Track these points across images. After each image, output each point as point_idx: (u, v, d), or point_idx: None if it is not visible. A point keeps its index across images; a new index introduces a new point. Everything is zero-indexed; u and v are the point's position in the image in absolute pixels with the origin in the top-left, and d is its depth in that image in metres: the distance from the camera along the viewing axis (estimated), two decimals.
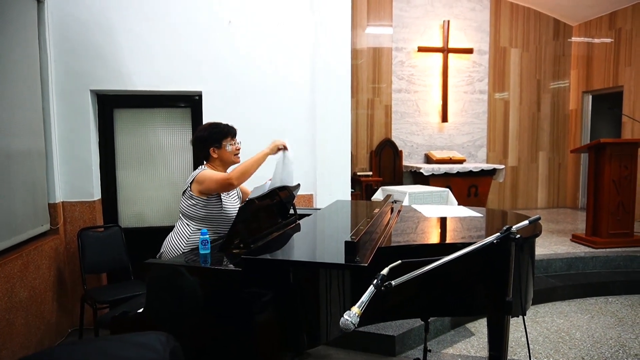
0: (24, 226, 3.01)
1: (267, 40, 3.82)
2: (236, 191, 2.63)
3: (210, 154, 2.46)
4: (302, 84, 3.88)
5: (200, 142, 2.46)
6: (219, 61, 3.75)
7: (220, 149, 2.44)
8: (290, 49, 3.85)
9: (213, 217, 2.40)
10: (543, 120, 7.67)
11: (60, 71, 3.51)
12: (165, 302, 1.98)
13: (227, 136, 2.46)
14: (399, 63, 7.02)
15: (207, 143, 2.45)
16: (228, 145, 2.45)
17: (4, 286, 2.66)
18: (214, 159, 2.47)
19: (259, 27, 3.80)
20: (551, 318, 3.84)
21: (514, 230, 1.58)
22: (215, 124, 2.50)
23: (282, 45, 3.84)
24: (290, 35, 3.85)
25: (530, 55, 7.50)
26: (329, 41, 3.84)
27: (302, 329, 1.84)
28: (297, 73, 3.88)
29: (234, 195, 2.58)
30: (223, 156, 2.46)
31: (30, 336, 2.96)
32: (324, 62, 3.84)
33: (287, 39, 3.85)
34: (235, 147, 2.50)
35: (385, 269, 1.40)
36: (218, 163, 2.48)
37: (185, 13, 3.68)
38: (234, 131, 2.52)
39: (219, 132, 2.45)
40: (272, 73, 3.84)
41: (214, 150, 2.45)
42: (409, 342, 3.30)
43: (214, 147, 2.44)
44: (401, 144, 7.08)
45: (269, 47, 3.82)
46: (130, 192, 3.88)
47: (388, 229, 2.30)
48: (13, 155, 2.87)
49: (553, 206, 7.83)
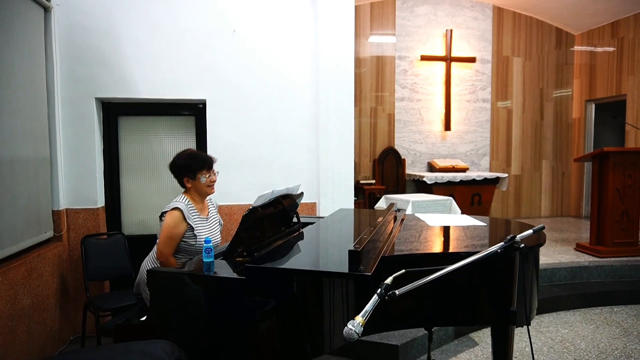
0: (27, 233, 3.02)
1: (271, 49, 3.84)
2: (217, 217, 2.68)
3: (184, 184, 2.49)
4: (305, 92, 3.90)
5: (176, 170, 2.50)
6: (223, 70, 3.78)
7: (194, 181, 2.47)
8: (293, 57, 3.88)
9: (187, 250, 2.43)
10: (546, 129, 7.67)
11: (65, 79, 3.54)
12: (169, 310, 1.98)
13: (202, 168, 2.47)
14: (402, 72, 7.04)
15: (182, 173, 2.48)
16: (202, 177, 2.47)
17: (7, 293, 2.66)
18: (189, 188, 2.50)
19: (262, 36, 3.83)
20: (555, 328, 3.81)
21: (518, 239, 1.58)
22: (193, 155, 2.52)
23: (286, 53, 3.87)
24: (294, 44, 3.88)
25: (532, 64, 7.52)
26: (332, 50, 3.86)
27: (305, 338, 1.83)
28: (301, 81, 3.90)
29: (212, 222, 2.60)
30: (197, 187, 2.49)
31: (32, 344, 2.95)
32: (328, 70, 3.86)
33: (291, 48, 3.87)
34: (209, 179, 2.50)
35: (389, 278, 1.40)
36: (193, 192, 2.51)
37: (189, 22, 3.71)
38: (211, 163, 2.53)
39: (195, 163, 2.47)
40: (275, 81, 3.86)
41: (188, 181, 2.47)
42: (412, 351, 3.28)
43: (188, 177, 2.47)
44: (404, 152, 7.08)
45: (273, 56, 3.85)
46: (134, 199, 3.89)
47: (391, 237, 2.30)
48: (17, 162, 2.89)
49: (556, 215, 7.80)
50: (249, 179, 3.82)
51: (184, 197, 2.48)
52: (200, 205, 2.53)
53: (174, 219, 2.35)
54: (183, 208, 2.38)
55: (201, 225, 2.46)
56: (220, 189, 3.79)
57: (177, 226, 2.35)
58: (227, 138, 3.81)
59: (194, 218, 2.42)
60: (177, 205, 2.38)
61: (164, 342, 0.88)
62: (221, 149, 3.80)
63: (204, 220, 2.50)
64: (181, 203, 2.41)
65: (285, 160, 3.89)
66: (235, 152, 3.82)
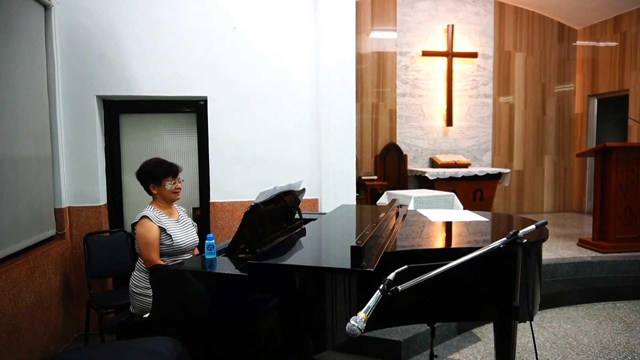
0: (30, 231, 3.02)
1: (272, 46, 3.83)
2: (189, 220, 2.72)
3: (150, 190, 2.55)
4: (306, 89, 3.89)
5: (142, 177, 2.56)
6: (224, 67, 3.77)
7: (160, 187, 2.53)
8: (294, 54, 3.87)
9: (167, 252, 2.47)
10: (548, 124, 7.64)
11: (66, 77, 3.53)
12: (171, 307, 1.98)
13: (167, 175, 2.53)
14: (403, 67, 7.02)
15: (148, 179, 2.55)
16: (167, 184, 2.53)
17: (10, 291, 2.67)
18: (155, 195, 2.57)
19: (263, 32, 3.81)
20: (558, 323, 3.81)
21: (520, 234, 1.57)
22: (159, 162, 2.58)
23: (287, 50, 3.86)
24: (295, 40, 3.87)
25: (535, 59, 7.48)
26: (333, 46, 3.85)
27: (307, 335, 1.83)
28: (302, 78, 3.89)
29: (185, 222, 2.64)
30: (162, 193, 2.55)
31: (35, 341, 2.96)
32: (329, 67, 3.85)
33: (292, 44, 3.86)
34: (174, 186, 2.56)
35: (391, 274, 1.40)
36: (159, 199, 2.57)
37: (190, 19, 3.70)
38: (176, 170, 2.59)
39: (160, 171, 2.53)
40: (276, 78, 3.85)
41: (154, 187, 2.54)
42: (414, 347, 3.29)
43: (154, 184, 2.54)
44: (406, 148, 7.07)
45: (274, 53, 3.84)
46: (136, 197, 3.89)
47: (394, 233, 2.30)
48: (19, 161, 2.89)
49: (559, 210, 7.78)
50: (250, 175, 3.82)
51: (150, 206, 2.55)
52: (168, 210, 2.59)
53: (144, 226, 2.41)
54: (149, 214, 2.45)
55: (173, 227, 2.51)
56: (221, 186, 3.82)
57: (149, 231, 2.40)
58: (229, 135, 3.81)
59: (163, 221, 2.48)
60: (143, 213, 2.45)
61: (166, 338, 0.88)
62: (223, 146, 3.81)
63: (174, 222, 2.55)
64: (148, 211, 2.48)
65: (287, 157, 3.89)
66: (236, 149, 3.82)
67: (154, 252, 2.38)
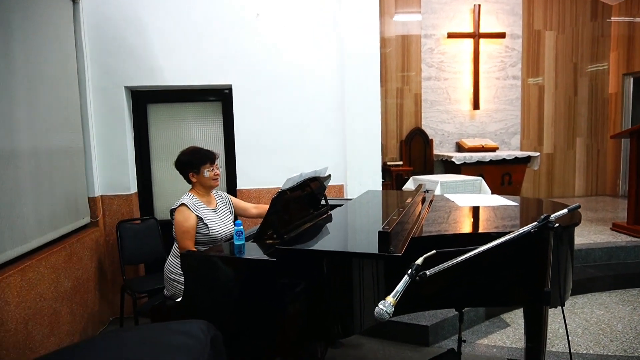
0: (66, 219, 3.14)
1: (295, 32, 3.82)
2: (227, 206, 2.73)
3: (190, 178, 2.58)
4: (331, 75, 3.87)
5: (181, 166, 2.59)
6: (248, 54, 3.78)
7: (199, 175, 2.56)
8: (318, 39, 3.84)
9: (203, 241, 2.50)
10: (580, 105, 7.38)
11: (95, 69, 3.62)
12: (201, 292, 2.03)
13: (205, 163, 2.56)
14: (428, 50, 6.88)
15: (187, 168, 2.57)
16: (206, 171, 2.55)
17: (50, 276, 2.80)
18: (194, 183, 2.59)
19: (286, 19, 3.80)
20: (590, 309, 3.73)
21: (552, 219, 1.54)
22: (196, 150, 2.60)
23: (310, 36, 3.83)
24: (318, 26, 3.84)
25: (566, 37, 7.21)
26: (357, 30, 3.81)
27: (335, 319, 1.85)
28: (326, 63, 3.86)
29: (222, 212, 2.65)
30: (201, 181, 2.57)
31: (75, 324, 3.10)
32: (353, 52, 3.81)
33: (315, 30, 3.84)
34: (213, 173, 2.58)
35: (420, 259, 1.39)
36: (198, 186, 2.60)
37: (213, 7, 3.72)
38: (213, 157, 2.61)
39: (198, 158, 2.56)
40: (300, 64, 3.84)
41: (193, 175, 2.57)
42: (442, 332, 3.28)
43: (193, 172, 2.56)
44: (432, 132, 6.97)
45: (297, 39, 3.82)
46: (165, 185, 3.98)
47: (420, 218, 2.28)
48: (54, 152, 2.99)
49: (591, 194, 7.55)
50: (276, 162, 3.85)
51: (189, 193, 2.57)
52: (206, 199, 2.61)
53: (182, 214, 2.44)
54: (188, 202, 2.47)
55: (210, 216, 2.53)
56: (248, 173, 3.86)
57: (187, 219, 2.43)
58: (254, 122, 3.83)
59: (201, 210, 2.50)
60: (182, 201, 2.48)
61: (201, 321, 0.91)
62: (248, 134, 3.84)
63: (212, 212, 2.58)
64: (186, 199, 2.50)
65: (312, 143, 3.89)
66: (262, 137, 3.85)
67: (189, 240, 2.42)
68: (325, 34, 3.85)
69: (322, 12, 3.83)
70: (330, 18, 3.84)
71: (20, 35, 2.61)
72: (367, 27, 3.83)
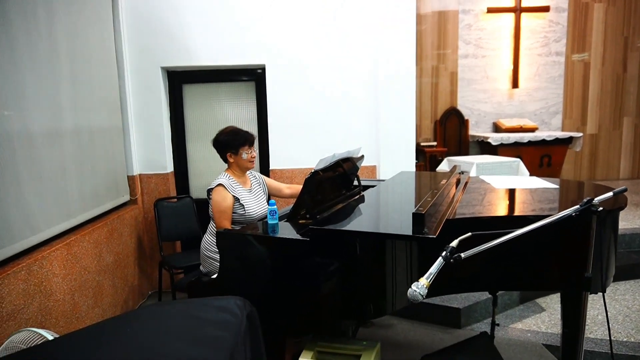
0: (107, 197, 3.27)
1: (328, 10, 3.75)
2: (261, 187, 2.75)
3: (227, 159, 2.60)
4: (364, 53, 3.80)
5: (219, 146, 2.61)
6: (281, 34, 3.76)
7: (237, 156, 2.57)
8: (352, 17, 3.76)
9: (239, 220, 2.52)
10: (629, 83, 6.96)
11: (133, 50, 3.69)
12: (236, 269, 2.08)
13: (244, 144, 2.57)
14: (465, 27, 6.63)
15: (225, 148, 2.59)
16: (244, 153, 2.57)
17: (93, 251, 2.93)
18: (231, 163, 2.61)
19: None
20: (633, 296, 3.59)
21: (596, 202, 1.48)
22: (236, 131, 2.61)
23: (344, 13, 3.76)
24: (352, 3, 3.75)
25: (617, 9, 6.76)
26: (392, 6, 3.70)
27: (367, 299, 1.86)
28: (360, 41, 3.79)
29: (257, 192, 2.67)
30: (239, 162, 2.59)
31: (116, 296, 3.25)
32: (387, 29, 3.72)
33: (349, 7, 3.76)
34: (250, 155, 2.60)
35: (454, 241, 1.37)
36: (235, 167, 2.62)
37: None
38: (252, 139, 2.62)
39: (238, 139, 2.57)
40: (334, 44, 3.78)
41: (231, 156, 2.58)
42: (474, 315, 3.25)
43: (231, 152, 2.58)
44: (467, 112, 6.77)
45: (330, 17, 3.76)
46: (200, 164, 4.06)
47: (455, 200, 2.24)
48: (95, 131, 3.09)
49: (638, 177, 7.19)
50: (308, 143, 3.85)
51: (225, 173, 2.60)
52: (242, 179, 2.64)
53: (219, 194, 2.47)
54: (225, 183, 2.50)
55: (246, 196, 2.56)
56: (280, 153, 3.88)
57: (224, 199, 2.47)
58: (287, 102, 3.83)
59: (237, 190, 2.53)
60: (219, 181, 2.51)
61: (237, 298, 0.93)
62: (281, 114, 3.84)
63: (247, 192, 2.60)
64: (223, 179, 2.53)
65: (345, 123, 3.86)
66: (295, 117, 3.84)
67: (226, 220, 2.47)
68: (359, 11, 3.75)
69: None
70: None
71: (63, 16, 2.69)
72: (402, 3, 3.72)
